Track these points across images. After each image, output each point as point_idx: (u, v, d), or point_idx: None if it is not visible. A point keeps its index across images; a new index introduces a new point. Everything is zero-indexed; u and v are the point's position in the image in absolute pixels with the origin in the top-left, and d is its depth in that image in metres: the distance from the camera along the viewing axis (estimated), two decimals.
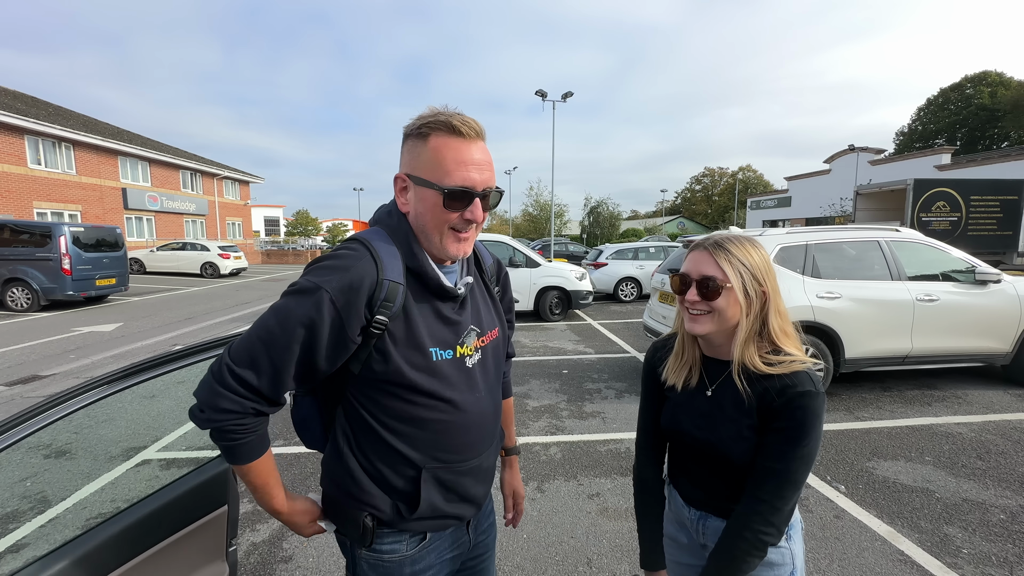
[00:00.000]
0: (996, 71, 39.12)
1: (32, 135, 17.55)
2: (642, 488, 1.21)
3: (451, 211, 0.94)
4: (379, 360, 0.93)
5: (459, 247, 0.99)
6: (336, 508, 1.04)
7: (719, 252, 1.00)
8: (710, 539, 1.10)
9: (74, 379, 5.63)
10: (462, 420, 1.02)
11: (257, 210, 49.73)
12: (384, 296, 0.91)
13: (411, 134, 0.96)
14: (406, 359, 0.94)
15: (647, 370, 1.21)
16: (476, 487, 1.08)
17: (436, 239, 0.97)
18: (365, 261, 0.92)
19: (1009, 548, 2.44)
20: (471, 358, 1.04)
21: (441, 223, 0.95)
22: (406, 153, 0.98)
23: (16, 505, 2.74)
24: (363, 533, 0.98)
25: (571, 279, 9.23)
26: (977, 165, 19.91)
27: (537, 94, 20.45)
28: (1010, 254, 10.38)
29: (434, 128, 0.93)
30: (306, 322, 0.87)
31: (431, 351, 0.97)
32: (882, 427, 3.97)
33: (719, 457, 1.03)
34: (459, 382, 1.01)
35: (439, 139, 0.93)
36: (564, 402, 4.72)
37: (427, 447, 0.99)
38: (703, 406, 1.06)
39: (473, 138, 0.94)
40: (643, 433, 1.22)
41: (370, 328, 0.91)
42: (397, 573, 1.01)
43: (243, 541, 2.59)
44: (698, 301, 1.00)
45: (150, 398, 4.37)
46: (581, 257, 18.06)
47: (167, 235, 23.67)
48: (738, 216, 45.08)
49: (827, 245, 4.64)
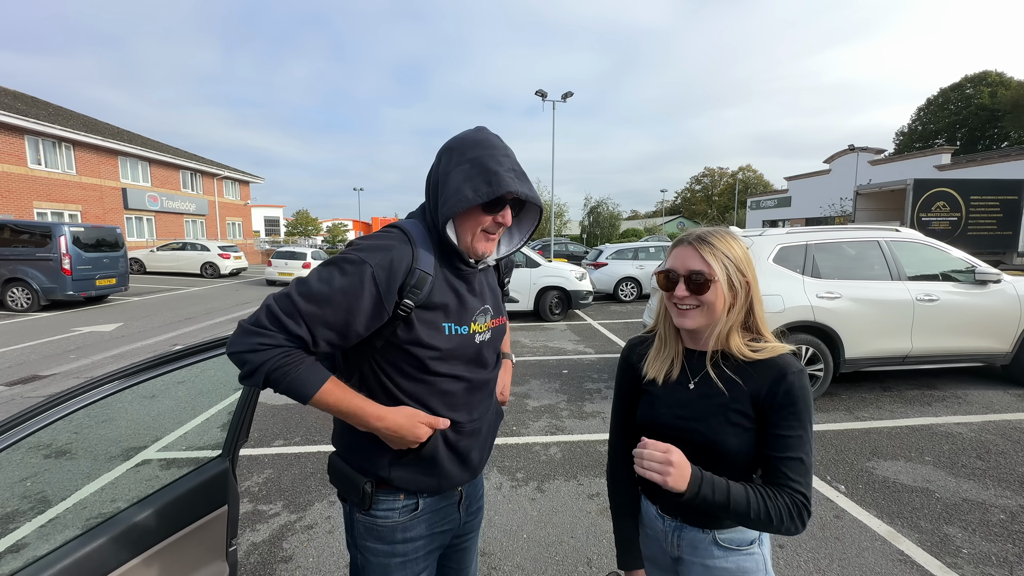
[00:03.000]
0: (996, 71, 39.09)
1: (32, 135, 17.55)
2: (616, 488, 1.20)
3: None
4: (403, 329, 1.03)
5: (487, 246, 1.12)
6: (340, 474, 1.14)
7: (703, 246, 1.01)
8: (685, 551, 1.09)
9: (74, 379, 5.63)
10: (469, 388, 1.14)
11: (257, 210, 49.72)
12: (414, 283, 1.01)
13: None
14: (426, 334, 1.04)
15: (623, 367, 1.20)
16: (475, 452, 1.18)
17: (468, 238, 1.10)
18: (404, 247, 1.02)
19: (1009, 548, 2.44)
20: (481, 335, 1.15)
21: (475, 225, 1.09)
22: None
23: (16, 505, 2.74)
24: (363, 498, 1.08)
25: (571, 279, 9.23)
26: (977, 165, 19.90)
27: (537, 94, 20.47)
28: (1010, 254, 10.38)
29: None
30: (348, 290, 0.96)
31: (445, 326, 1.07)
32: (882, 427, 3.97)
33: (706, 446, 1.01)
34: (470, 355, 1.13)
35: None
36: (564, 402, 4.72)
37: (438, 408, 1.09)
38: (685, 397, 1.06)
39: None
40: (616, 432, 1.21)
41: (397, 310, 1.01)
42: (389, 537, 1.10)
43: (243, 541, 2.59)
44: (687, 296, 1.01)
45: (150, 398, 4.37)
46: (581, 257, 18.06)
47: (167, 235, 23.66)
48: (738, 216, 45.08)
49: (827, 245, 4.64)
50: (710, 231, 1.04)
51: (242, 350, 0.93)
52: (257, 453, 3.68)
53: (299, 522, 2.78)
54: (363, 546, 1.12)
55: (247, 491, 3.11)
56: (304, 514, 2.86)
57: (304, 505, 2.95)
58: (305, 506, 2.94)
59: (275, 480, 3.26)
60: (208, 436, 3.96)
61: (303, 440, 3.91)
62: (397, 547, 1.11)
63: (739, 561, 1.05)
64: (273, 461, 3.54)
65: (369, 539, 1.11)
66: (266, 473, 3.36)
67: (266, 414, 4.47)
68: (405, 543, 1.11)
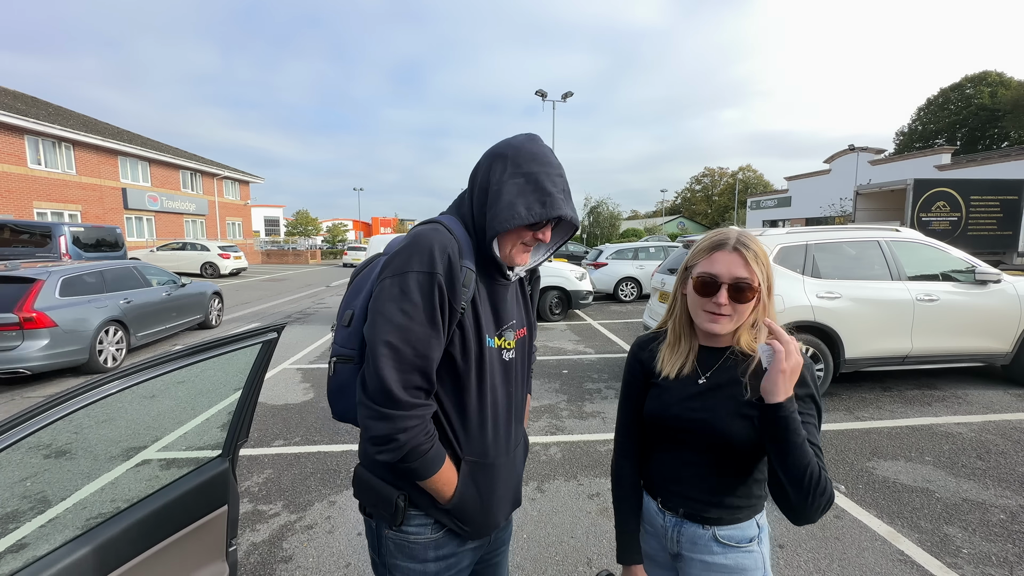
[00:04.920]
0: (996, 71, 39.08)
1: (32, 135, 17.54)
2: (619, 482, 1.20)
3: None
4: (457, 336, 0.99)
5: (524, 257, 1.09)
6: (369, 487, 1.06)
7: (748, 253, 1.00)
8: (684, 547, 1.09)
9: (74, 379, 5.62)
10: (499, 411, 1.09)
11: (257, 210, 49.71)
12: (463, 281, 0.98)
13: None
14: (470, 344, 1.00)
15: (632, 364, 1.20)
16: (504, 500, 1.13)
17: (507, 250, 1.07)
18: (453, 243, 0.98)
19: (1009, 548, 2.44)
20: (508, 351, 1.10)
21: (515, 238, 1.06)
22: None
23: (16, 505, 2.74)
24: (395, 512, 1.02)
25: (571, 279, 9.22)
26: (977, 165, 19.89)
27: (537, 94, 20.50)
28: (1010, 254, 10.38)
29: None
30: (429, 310, 0.93)
31: (486, 339, 1.03)
32: (882, 427, 3.97)
33: (713, 436, 1.02)
34: (499, 373, 1.08)
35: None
36: (564, 402, 4.72)
37: (468, 433, 1.04)
38: (696, 391, 1.06)
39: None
40: (623, 427, 1.22)
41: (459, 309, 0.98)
42: (421, 555, 1.04)
43: (243, 541, 2.59)
44: (727, 304, 1.00)
45: (150, 398, 4.36)
46: (581, 257, 18.05)
47: (167, 235, 23.66)
48: (738, 216, 45.06)
49: (827, 245, 4.64)
50: (746, 234, 1.04)
51: (389, 441, 0.92)
52: (257, 453, 3.68)
53: (299, 522, 2.78)
54: (392, 564, 1.06)
55: (247, 491, 3.11)
56: (304, 514, 2.86)
57: (304, 505, 2.95)
58: (305, 506, 2.94)
59: (275, 480, 3.26)
60: (208, 436, 3.96)
61: (303, 440, 3.90)
62: (429, 565, 1.05)
63: (738, 558, 1.05)
64: (273, 461, 3.54)
65: (400, 557, 1.05)
66: (266, 473, 3.36)
67: (266, 414, 4.47)
68: (438, 561, 1.05)
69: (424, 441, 0.94)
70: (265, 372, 1.62)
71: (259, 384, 1.63)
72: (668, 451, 1.11)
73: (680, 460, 1.09)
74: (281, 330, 1.57)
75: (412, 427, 0.92)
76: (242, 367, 1.60)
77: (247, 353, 1.53)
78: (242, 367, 1.60)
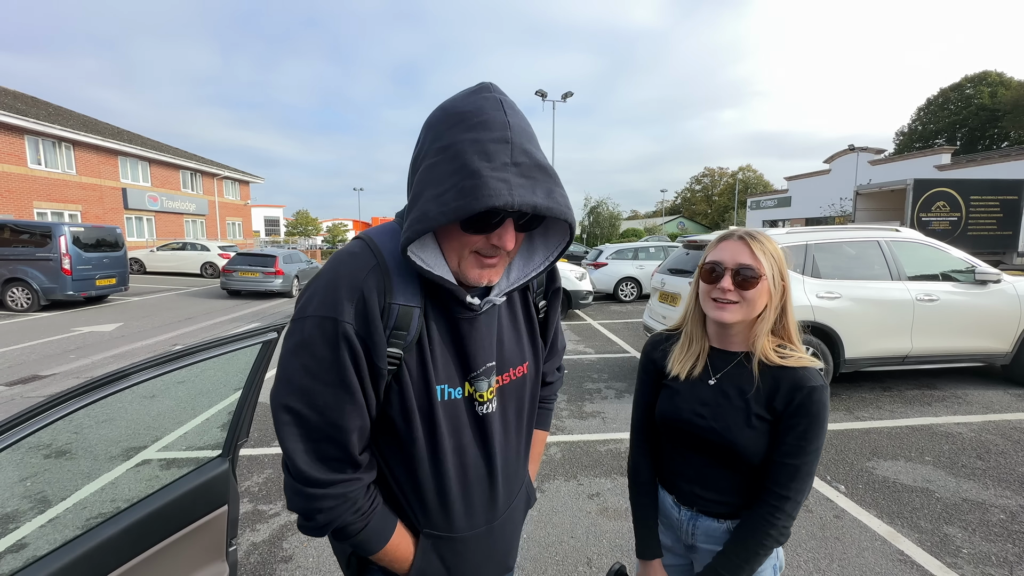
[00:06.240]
0: (996, 71, 39.12)
1: (32, 135, 17.54)
2: (636, 479, 1.22)
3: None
4: (395, 392, 0.77)
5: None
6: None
7: (754, 242, 1.01)
8: (699, 540, 1.11)
9: (74, 379, 5.62)
10: (469, 478, 0.85)
11: (257, 210, 49.69)
12: (395, 324, 0.74)
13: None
14: (410, 402, 0.78)
15: (645, 362, 1.23)
16: (484, 571, 0.91)
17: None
18: (372, 274, 0.74)
19: (1009, 548, 2.44)
20: (484, 404, 0.85)
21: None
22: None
23: (16, 505, 2.74)
24: (349, 567, 0.88)
25: (571, 279, 9.23)
26: (977, 165, 19.91)
27: (537, 94, 20.52)
28: (1010, 254, 10.39)
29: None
30: (339, 362, 0.72)
31: (437, 389, 0.79)
32: (882, 427, 3.97)
33: (722, 445, 1.03)
34: (470, 431, 0.84)
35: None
36: (564, 402, 4.72)
37: (425, 506, 0.83)
38: (706, 395, 1.07)
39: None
40: (637, 425, 1.23)
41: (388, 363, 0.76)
42: None
43: (243, 541, 2.59)
44: (731, 290, 1.01)
45: (150, 398, 4.36)
46: (581, 257, 18.04)
47: (167, 235, 23.65)
48: (738, 216, 45.06)
49: (827, 245, 4.64)
50: (756, 230, 1.06)
51: (309, 519, 0.76)
52: (257, 453, 3.68)
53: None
54: None
55: (247, 491, 3.11)
56: None
57: None
58: None
59: (275, 480, 3.26)
60: (208, 436, 3.96)
61: None
62: None
63: None
64: (273, 461, 3.54)
65: None
66: (266, 473, 3.36)
67: (266, 414, 4.47)
68: None
69: (352, 521, 0.76)
70: (265, 372, 1.62)
71: (259, 384, 1.63)
72: (680, 451, 1.13)
73: (691, 461, 1.11)
74: (281, 330, 1.57)
75: (330, 507, 0.74)
76: (242, 367, 1.60)
77: (247, 353, 1.52)
78: (242, 367, 1.60)
